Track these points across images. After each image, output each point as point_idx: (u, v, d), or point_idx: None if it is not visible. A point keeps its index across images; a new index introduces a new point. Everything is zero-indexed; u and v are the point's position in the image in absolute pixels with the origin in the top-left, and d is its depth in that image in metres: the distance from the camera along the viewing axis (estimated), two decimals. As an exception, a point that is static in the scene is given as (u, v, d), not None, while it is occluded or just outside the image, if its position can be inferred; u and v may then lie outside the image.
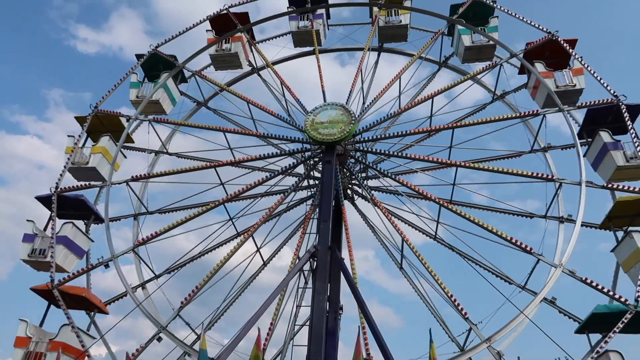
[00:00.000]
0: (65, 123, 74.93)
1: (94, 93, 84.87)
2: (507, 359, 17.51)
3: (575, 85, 22.20)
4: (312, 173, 23.15)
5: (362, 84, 25.69)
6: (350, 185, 24.47)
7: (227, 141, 24.57)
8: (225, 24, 26.85)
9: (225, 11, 26.94)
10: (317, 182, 22.94)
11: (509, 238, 18.96)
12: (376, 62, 27.51)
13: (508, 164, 23.64)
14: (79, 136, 23.57)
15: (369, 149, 23.05)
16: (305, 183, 23.53)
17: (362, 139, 23.16)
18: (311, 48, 27.32)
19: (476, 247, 21.17)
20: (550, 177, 20.62)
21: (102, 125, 24.14)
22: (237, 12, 27.11)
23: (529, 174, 20.45)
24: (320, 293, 17.39)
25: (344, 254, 21.09)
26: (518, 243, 18.90)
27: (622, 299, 17.39)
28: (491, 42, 24.64)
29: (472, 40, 24.92)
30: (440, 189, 23.77)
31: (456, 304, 18.21)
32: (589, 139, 21.45)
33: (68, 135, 23.80)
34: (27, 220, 20.82)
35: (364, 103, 25.03)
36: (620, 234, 19.99)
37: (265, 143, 25.47)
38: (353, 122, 21.79)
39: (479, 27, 25.38)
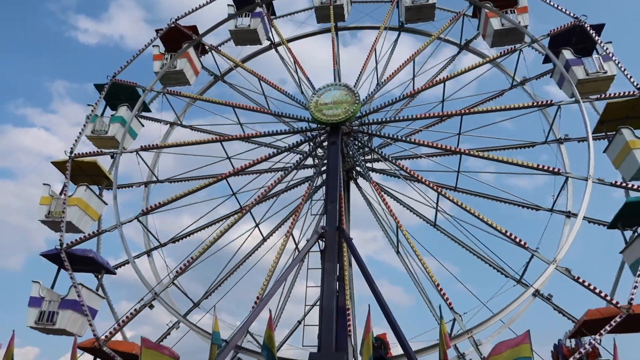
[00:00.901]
0: (70, 114, 74.25)
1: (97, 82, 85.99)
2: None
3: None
4: (316, 152, 23.23)
5: (377, 64, 25.43)
6: (356, 167, 24.41)
7: (236, 117, 24.93)
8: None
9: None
10: (318, 161, 22.99)
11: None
12: (395, 41, 26.89)
13: (520, 154, 23.07)
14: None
15: (375, 132, 22.90)
16: (310, 162, 23.74)
17: (368, 121, 23.00)
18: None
19: (478, 236, 20.66)
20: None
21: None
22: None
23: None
24: (330, 273, 17.60)
25: (353, 234, 21.54)
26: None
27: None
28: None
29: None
30: (447, 176, 23.34)
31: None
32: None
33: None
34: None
35: (377, 84, 24.78)
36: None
37: (277, 120, 25.67)
38: (357, 102, 21.64)
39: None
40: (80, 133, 23.52)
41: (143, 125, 25.47)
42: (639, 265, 17.13)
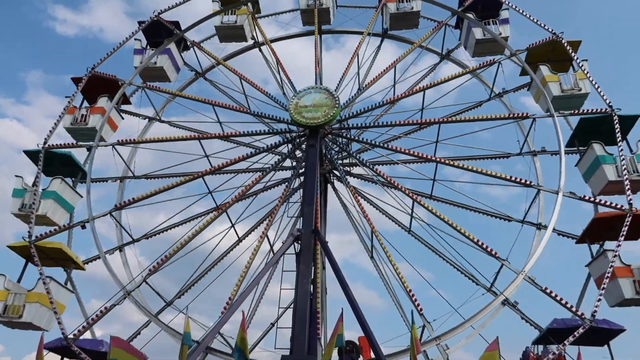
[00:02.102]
0: (45, 106, 72.40)
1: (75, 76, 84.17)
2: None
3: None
4: (294, 154, 23.32)
5: (359, 69, 25.68)
6: (334, 171, 24.54)
7: (216, 115, 24.82)
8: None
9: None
10: (296, 163, 23.11)
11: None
12: (378, 47, 27.20)
13: (496, 164, 23.58)
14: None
15: (353, 137, 23.12)
16: (288, 163, 23.81)
17: (347, 126, 23.22)
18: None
19: (451, 243, 21.07)
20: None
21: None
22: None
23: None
24: (304, 276, 17.70)
25: (329, 237, 21.78)
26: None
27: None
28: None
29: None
30: (423, 183, 23.67)
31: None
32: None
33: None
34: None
35: (358, 89, 24.96)
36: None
37: (257, 120, 25.63)
38: (337, 106, 21.81)
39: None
40: (55, 124, 23.08)
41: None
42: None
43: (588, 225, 19.22)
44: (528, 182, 20.35)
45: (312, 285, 17.90)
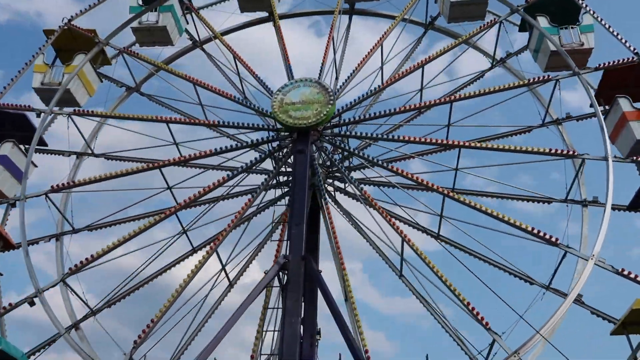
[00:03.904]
0: None
1: (5, 70, 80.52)
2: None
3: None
4: (284, 168, 23.66)
5: (335, 55, 26.43)
6: (329, 180, 24.95)
7: (171, 134, 24.78)
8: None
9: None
10: (284, 178, 23.62)
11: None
12: (348, 27, 28.19)
13: (516, 142, 24.82)
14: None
15: (351, 133, 23.72)
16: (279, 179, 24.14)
17: (341, 122, 23.84)
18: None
19: (486, 244, 21.97)
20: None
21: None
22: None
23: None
24: (292, 314, 17.84)
25: (324, 265, 22.08)
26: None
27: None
28: None
29: None
30: (439, 177, 24.71)
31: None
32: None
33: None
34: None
35: (336, 78, 25.65)
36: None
37: (220, 134, 25.84)
38: (331, 101, 22.44)
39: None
40: (12, 80, 24.22)
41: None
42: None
43: (600, 82, 21.57)
44: (572, 152, 21.64)
45: (301, 326, 18.23)
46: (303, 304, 18.47)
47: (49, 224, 24.07)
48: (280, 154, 23.52)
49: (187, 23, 27.39)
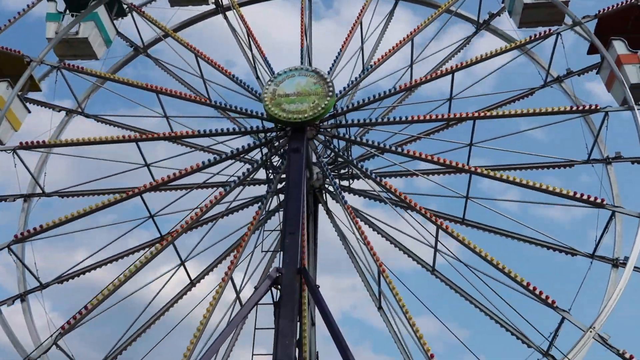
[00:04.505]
0: None
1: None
2: None
3: None
4: (271, 161, 23.38)
5: (362, 44, 25.76)
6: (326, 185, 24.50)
7: (162, 107, 24.73)
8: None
9: None
10: (274, 175, 23.17)
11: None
12: (391, 12, 27.53)
13: (552, 176, 24.51)
14: None
15: (354, 138, 23.17)
16: (263, 175, 23.80)
17: (345, 122, 23.20)
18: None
19: (487, 288, 20.59)
20: (600, 201, 20.42)
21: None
22: None
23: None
24: (286, 335, 17.25)
25: (321, 280, 22.00)
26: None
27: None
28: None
29: None
30: (452, 203, 23.66)
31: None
32: None
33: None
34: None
35: (362, 71, 24.99)
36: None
37: (219, 115, 25.79)
38: (330, 94, 21.86)
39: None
40: None
41: (29, 112, 25.18)
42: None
43: (595, 30, 22.42)
44: (599, 201, 20.28)
45: (297, 349, 17.60)
46: (298, 323, 18.01)
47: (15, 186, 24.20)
48: (274, 145, 23.20)
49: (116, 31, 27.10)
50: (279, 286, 18.19)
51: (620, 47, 22.53)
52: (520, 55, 25.76)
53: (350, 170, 23.96)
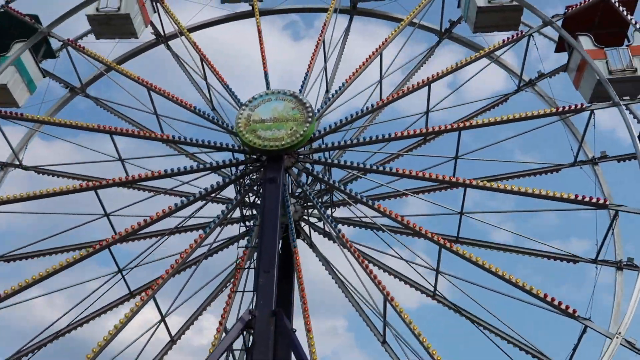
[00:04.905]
0: None
1: None
2: None
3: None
4: (248, 198, 22.96)
5: (325, 63, 25.90)
6: (305, 217, 24.39)
7: (116, 149, 24.00)
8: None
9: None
10: (255, 211, 22.77)
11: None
12: (347, 30, 27.86)
13: (539, 183, 23.76)
14: None
15: (333, 161, 23.06)
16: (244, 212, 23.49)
17: (323, 146, 23.14)
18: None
19: (494, 309, 20.99)
20: (602, 201, 20.84)
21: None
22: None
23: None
24: None
25: (298, 324, 21.24)
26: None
27: None
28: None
29: None
30: (441, 221, 23.85)
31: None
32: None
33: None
34: None
35: (326, 91, 25.13)
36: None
37: (177, 152, 25.34)
38: (310, 119, 21.74)
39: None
40: None
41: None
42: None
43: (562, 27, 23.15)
44: (602, 202, 20.73)
45: None
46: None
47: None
48: (247, 180, 22.83)
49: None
50: (252, 330, 18.06)
51: (586, 42, 23.38)
52: (490, 64, 26.17)
53: (330, 197, 23.78)
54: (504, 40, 24.63)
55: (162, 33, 27.70)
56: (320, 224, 24.13)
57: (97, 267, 24.03)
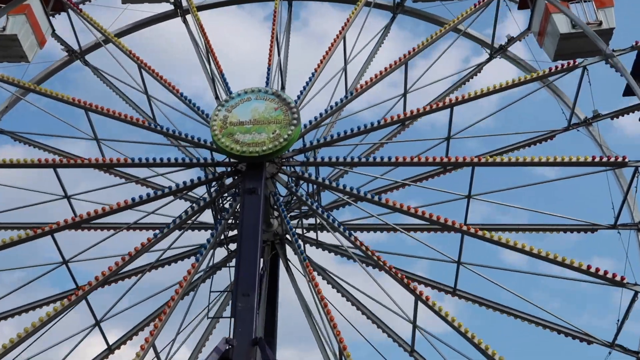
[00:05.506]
0: None
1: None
2: None
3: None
4: (221, 201, 22.87)
5: (346, 64, 26.01)
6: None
7: (92, 127, 24.32)
8: None
9: None
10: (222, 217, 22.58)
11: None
12: (387, 26, 28.08)
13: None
14: None
15: (324, 180, 22.77)
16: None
17: (315, 159, 22.88)
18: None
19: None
20: (621, 279, 19.80)
21: None
22: None
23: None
24: None
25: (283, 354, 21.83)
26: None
27: None
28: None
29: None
30: (443, 266, 23.37)
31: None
32: None
33: None
34: None
35: (282, 88, 25.48)
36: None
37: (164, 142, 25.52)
38: (295, 122, 21.46)
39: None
40: None
41: (54, 30, 26.90)
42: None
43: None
44: (619, 279, 19.80)
45: None
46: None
47: None
48: (223, 198, 22.86)
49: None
50: (230, 361, 18.30)
51: None
52: (539, 89, 25.37)
53: (316, 218, 23.37)
54: (555, 67, 23.59)
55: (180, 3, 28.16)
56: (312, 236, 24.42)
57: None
